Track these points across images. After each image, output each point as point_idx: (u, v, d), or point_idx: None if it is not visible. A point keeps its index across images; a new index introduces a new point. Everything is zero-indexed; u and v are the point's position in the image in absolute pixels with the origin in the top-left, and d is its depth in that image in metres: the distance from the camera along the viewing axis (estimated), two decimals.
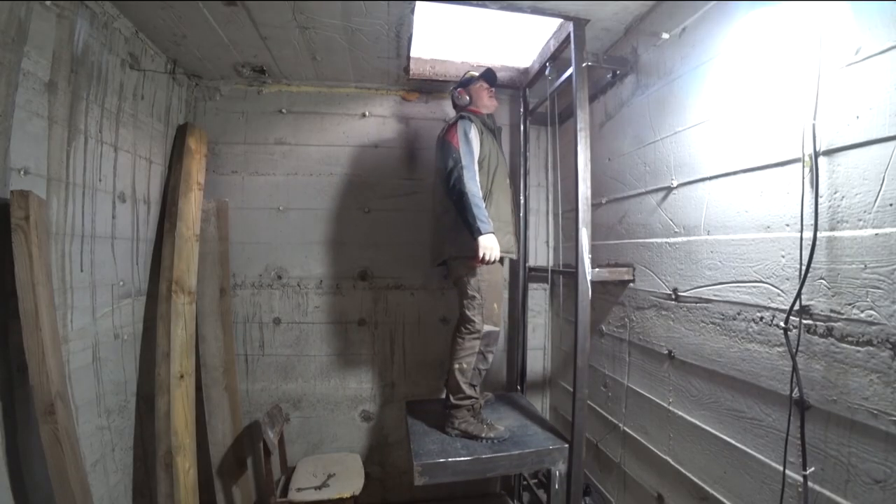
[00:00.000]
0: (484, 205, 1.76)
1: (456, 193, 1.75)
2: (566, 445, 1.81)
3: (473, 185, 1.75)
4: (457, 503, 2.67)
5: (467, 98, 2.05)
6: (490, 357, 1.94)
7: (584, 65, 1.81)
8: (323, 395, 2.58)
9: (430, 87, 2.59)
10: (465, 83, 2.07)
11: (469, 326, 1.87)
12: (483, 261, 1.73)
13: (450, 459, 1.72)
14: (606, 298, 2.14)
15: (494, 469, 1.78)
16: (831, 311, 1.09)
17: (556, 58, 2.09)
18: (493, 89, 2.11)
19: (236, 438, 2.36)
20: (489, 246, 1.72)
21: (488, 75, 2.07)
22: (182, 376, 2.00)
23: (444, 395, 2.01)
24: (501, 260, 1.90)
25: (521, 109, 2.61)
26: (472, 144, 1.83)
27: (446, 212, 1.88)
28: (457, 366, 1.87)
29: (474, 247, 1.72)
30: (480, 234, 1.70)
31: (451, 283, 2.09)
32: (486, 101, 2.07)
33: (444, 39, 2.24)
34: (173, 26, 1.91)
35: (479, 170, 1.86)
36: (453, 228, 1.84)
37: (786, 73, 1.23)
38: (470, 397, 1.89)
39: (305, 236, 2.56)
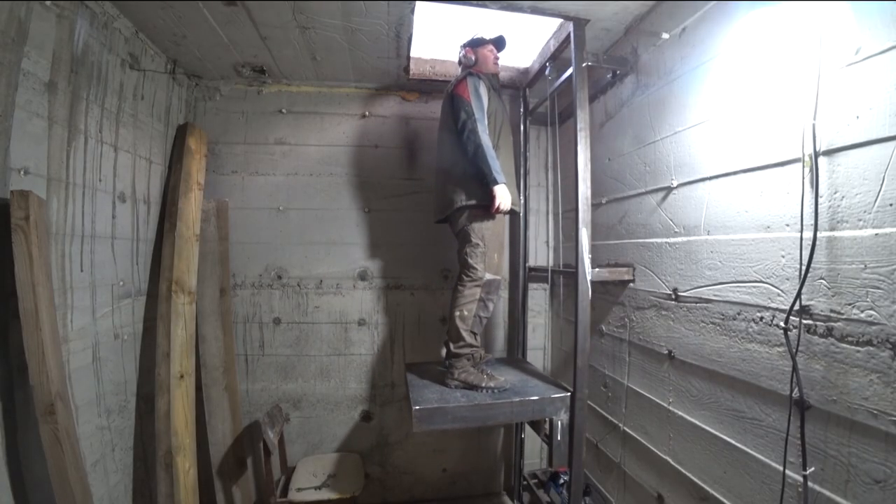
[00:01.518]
0: (496, 156, 1.81)
1: (471, 145, 1.79)
2: (568, 394, 1.79)
3: (486, 137, 1.81)
4: (457, 503, 2.67)
5: (473, 58, 2.04)
6: (491, 306, 1.95)
7: (584, 65, 1.81)
8: (323, 395, 2.58)
9: (430, 87, 2.59)
10: (475, 44, 2.05)
11: (471, 273, 1.88)
12: (498, 209, 1.77)
13: (449, 405, 1.69)
14: (606, 298, 2.14)
15: (495, 417, 1.75)
16: (831, 311, 1.09)
17: (556, 58, 2.09)
18: (499, 56, 2.10)
19: (236, 438, 2.36)
20: (504, 195, 1.77)
21: (499, 40, 2.06)
22: (182, 376, 2.00)
23: (443, 355, 2.00)
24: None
25: (521, 109, 2.61)
26: (482, 99, 1.86)
27: (455, 164, 1.90)
28: (457, 313, 1.88)
29: (490, 196, 1.77)
30: (497, 183, 1.75)
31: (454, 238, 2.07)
32: (491, 66, 2.06)
33: (444, 39, 2.24)
34: (173, 26, 1.91)
35: (488, 124, 1.88)
36: (463, 179, 1.87)
37: (786, 73, 1.23)
38: (470, 345, 1.89)
39: (305, 236, 2.56)
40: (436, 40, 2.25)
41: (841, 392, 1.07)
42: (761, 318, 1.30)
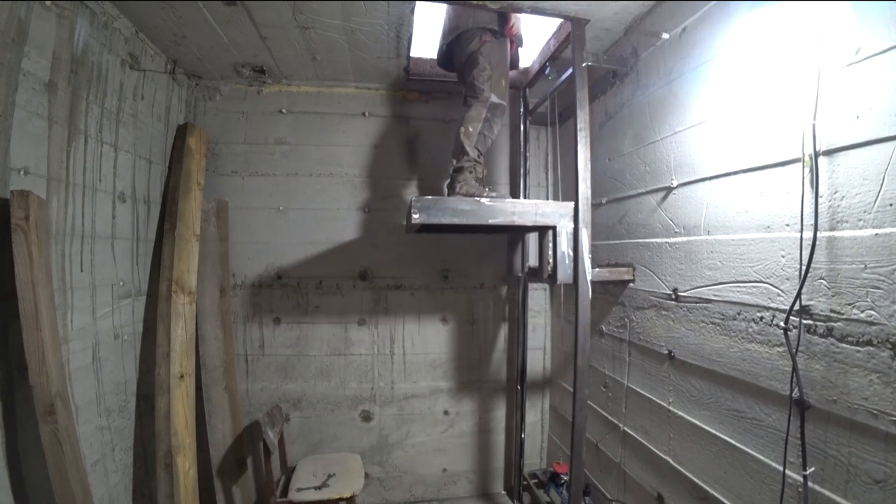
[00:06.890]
0: None
1: None
2: (572, 203, 1.77)
3: None
4: (457, 503, 2.67)
5: None
6: (496, 128, 1.97)
7: (584, 65, 1.81)
8: (323, 395, 2.58)
9: (430, 87, 2.59)
10: None
11: (477, 94, 1.90)
12: (512, 28, 1.88)
13: (449, 199, 1.66)
14: (606, 298, 2.14)
15: (496, 215, 1.73)
16: (831, 311, 1.09)
17: (556, 58, 2.09)
18: None
19: (236, 438, 2.36)
20: (517, 15, 1.86)
21: None
22: (182, 376, 2.00)
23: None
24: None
25: (521, 109, 2.61)
26: None
27: None
28: (462, 129, 1.90)
29: (505, 17, 1.85)
30: None
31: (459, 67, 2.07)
32: None
33: None
34: (173, 26, 1.91)
35: None
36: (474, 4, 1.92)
37: (786, 73, 1.23)
38: (474, 160, 1.92)
39: (305, 236, 2.56)
40: (436, 40, 2.24)
41: (841, 392, 1.07)
42: (761, 318, 1.29)
